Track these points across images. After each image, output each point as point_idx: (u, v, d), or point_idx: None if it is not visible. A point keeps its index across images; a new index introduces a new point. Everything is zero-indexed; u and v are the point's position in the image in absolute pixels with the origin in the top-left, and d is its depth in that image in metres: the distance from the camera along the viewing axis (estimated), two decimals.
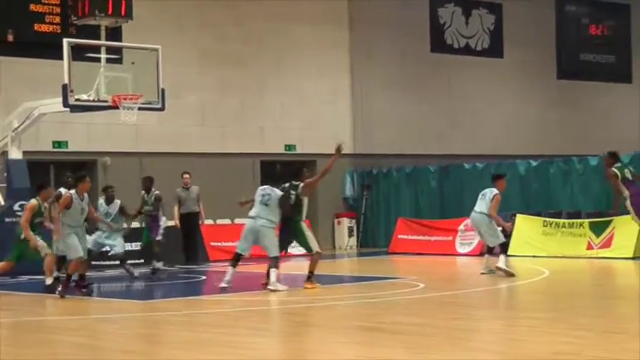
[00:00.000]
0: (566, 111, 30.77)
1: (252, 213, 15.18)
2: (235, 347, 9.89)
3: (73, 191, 15.09)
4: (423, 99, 28.16)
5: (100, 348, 10.29)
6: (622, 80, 32.17)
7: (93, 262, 20.80)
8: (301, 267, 16.31)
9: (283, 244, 15.40)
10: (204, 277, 18.42)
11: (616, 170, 17.25)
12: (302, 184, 15.30)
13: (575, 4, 31.51)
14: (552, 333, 10.28)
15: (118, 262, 18.03)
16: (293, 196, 15.22)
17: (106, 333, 11.47)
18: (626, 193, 17.49)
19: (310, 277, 15.12)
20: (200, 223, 21.33)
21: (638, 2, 32.30)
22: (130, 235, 18.65)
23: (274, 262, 14.86)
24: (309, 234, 15.37)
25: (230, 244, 22.62)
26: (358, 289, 15.27)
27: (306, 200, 15.39)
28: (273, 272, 14.81)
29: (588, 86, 31.38)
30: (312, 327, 11.48)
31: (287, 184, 15.33)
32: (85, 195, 15.09)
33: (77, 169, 23.36)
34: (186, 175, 20.75)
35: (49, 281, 15.48)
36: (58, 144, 22.70)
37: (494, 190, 17.03)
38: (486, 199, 17.11)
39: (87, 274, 15.61)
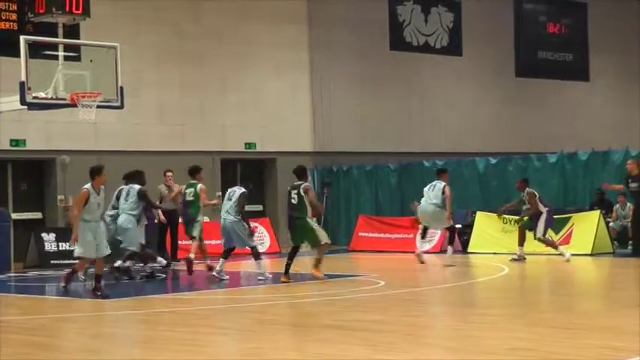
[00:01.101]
0: (525, 108, 31.04)
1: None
2: (195, 346, 9.91)
3: (88, 185, 14.59)
4: (382, 97, 28.28)
5: (58, 347, 10.26)
6: (580, 78, 32.53)
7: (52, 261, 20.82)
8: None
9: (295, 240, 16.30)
10: (164, 276, 18.36)
11: (533, 190, 19.04)
12: (304, 185, 16.02)
13: (533, 2, 31.82)
14: (509, 329, 10.41)
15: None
16: (295, 196, 15.78)
17: (65, 332, 11.43)
18: (544, 209, 18.97)
19: (317, 264, 16.03)
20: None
21: (595, 1, 32.66)
22: None
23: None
24: (315, 227, 16.13)
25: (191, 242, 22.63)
26: (319, 287, 15.33)
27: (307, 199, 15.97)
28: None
29: (546, 84, 31.68)
30: (273, 325, 11.52)
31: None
32: (102, 188, 14.62)
33: (35, 167, 23.29)
34: (170, 174, 20.61)
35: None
36: (15, 142, 22.52)
37: (443, 182, 18.72)
38: (436, 189, 18.64)
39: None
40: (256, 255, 16.58)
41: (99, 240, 14.46)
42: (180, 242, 21.21)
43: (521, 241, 19.06)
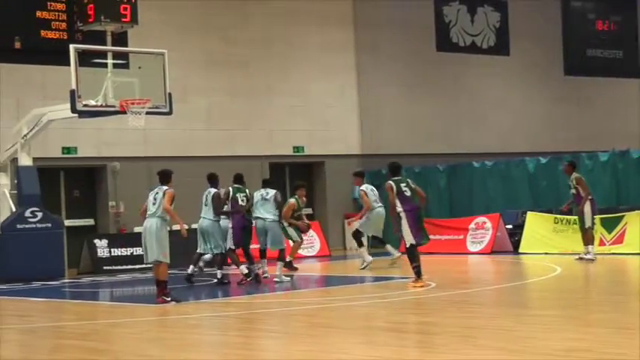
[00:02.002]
0: (574, 107, 30.73)
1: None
2: (245, 350, 9.91)
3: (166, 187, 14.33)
4: (430, 98, 28.16)
5: (111, 352, 10.31)
6: (629, 75, 32.11)
7: (105, 267, 20.98)
8: (313, 268, 16.33)
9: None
10: (214, 280, 18.41)
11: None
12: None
13: None
14: (564, 330, 10.28)
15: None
16: (407, 189, 15.17)
17: (119, 337, 11.50)
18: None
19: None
20: None
21: None
22: None
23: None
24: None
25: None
26: (370, 290, 15.28)
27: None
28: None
29: (596, 82, 31.33)
30: (325, 328, 11.49)
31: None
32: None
33: (87, 175, 23.50)
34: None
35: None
36: (67, 150, 22.75)
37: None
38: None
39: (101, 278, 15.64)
40: (282, 257, 16.95)
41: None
42: None
43: (589, 239, 18.62)
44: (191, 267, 17.13)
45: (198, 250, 17.14)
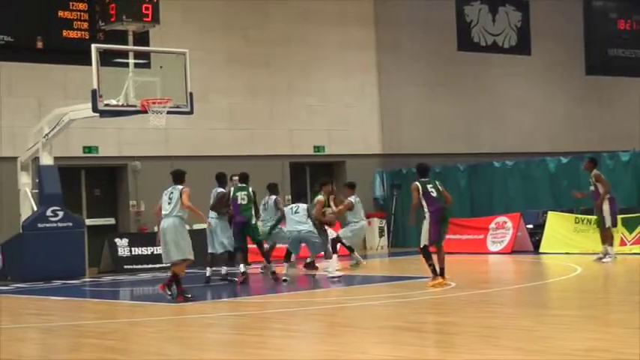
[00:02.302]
0: (596, 107, 30.58)
1: None
2: (264, 349, 9.90)
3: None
4: (451, 97, 28.08)
5: (131, 351, 10.32)
6: None
7: (125, 266, 21.04)
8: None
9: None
10: (235, 279, 18.40)
11: (418, 184, 15.21)
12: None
13: None
14: (585, 330, 10.21)
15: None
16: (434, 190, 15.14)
17: (138, 336, 11.51)
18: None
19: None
20: None
21: None
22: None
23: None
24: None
25: None
26: (390, 289, 15.23)
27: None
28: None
29: (618, 81, 31.15)
30: (344, 327, 11.46)
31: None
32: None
33: (108, 174, 23.57)
34: (236, 178, 20.39)
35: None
36: (88, 149, 22.82)
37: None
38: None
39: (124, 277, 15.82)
40: (328, 255, 17.24)
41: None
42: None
43: (607, 238, 18.46)
44: (208, 269, 17.13)
45: (209, 250, 17.15)
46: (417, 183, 15.07)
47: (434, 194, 15.03)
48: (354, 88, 26.59)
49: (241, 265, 16.78)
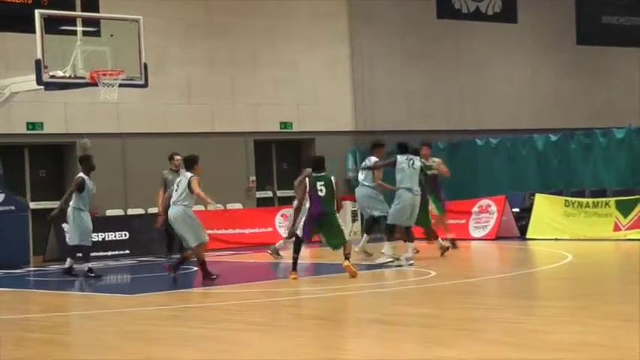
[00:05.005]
0: (588, 79, 30.72)
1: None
2: (228, 344, 9.91)
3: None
4: (429, 70, 28.11)
5: (79, 346, 10.30)
6: None
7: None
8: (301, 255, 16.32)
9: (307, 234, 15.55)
10: (196, 269, 18.39)
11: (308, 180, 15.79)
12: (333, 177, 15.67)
13: None
14: (575, 322, 10.31)
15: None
16: (323, 188, 15.27)
17: (87, 330, 11.48)
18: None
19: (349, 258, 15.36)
20: None
21: None
22: None
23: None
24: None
25: (223, 231, 22.76)
26: (365, 279, 15.29)
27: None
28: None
29: (612, 52, 31.30)
30: (313, 320, 11.50)
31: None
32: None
33: (54, 153, 23.44)
34: (177, 157, 20.28)
35: None
36: (32, 126, 22.67)
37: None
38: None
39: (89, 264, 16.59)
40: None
41: None
42: None
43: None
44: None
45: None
46: (307, 178, 15.32)
47: (321, 194, 15.12)
48: (324, 59, 26.53)
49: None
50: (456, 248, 19.14)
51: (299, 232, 15.38)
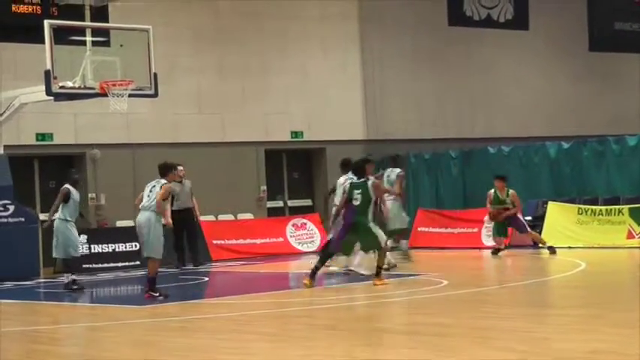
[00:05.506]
0: (600, 86, 30.69)
1: None
2: (240, 354, 9.94)
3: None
4: (441, 77, 28.11)
5: (89, 358, 10.34)
6: None
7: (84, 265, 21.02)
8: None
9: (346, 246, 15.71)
10: (206, 279, 18.45)
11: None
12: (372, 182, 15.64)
13: None
14: (588, 330, 10.32)
15: None
16: (359, 196, 15.37)
17: (97, 342, 11.52)
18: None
19: (379, 272, 15.36)
20: (195, 219, 21.23)
21: None
22: None
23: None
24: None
25: (234, 241, 22.80)
26: (376, 288, 15.29)
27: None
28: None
29: (625, 58, 31.28)
30: (327, 330, 11.52)
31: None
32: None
33: (64, 164, 23.50)
34: (181, 167, 20.44)
35: None
36: (42, 136, 22.76)
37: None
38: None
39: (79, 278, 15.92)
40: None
41: None
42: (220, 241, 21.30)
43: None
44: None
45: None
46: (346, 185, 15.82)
47: (356, 202, 15.36)
48: (334, 65, 26.51)
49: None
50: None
51: (331, 245, 15.55)
